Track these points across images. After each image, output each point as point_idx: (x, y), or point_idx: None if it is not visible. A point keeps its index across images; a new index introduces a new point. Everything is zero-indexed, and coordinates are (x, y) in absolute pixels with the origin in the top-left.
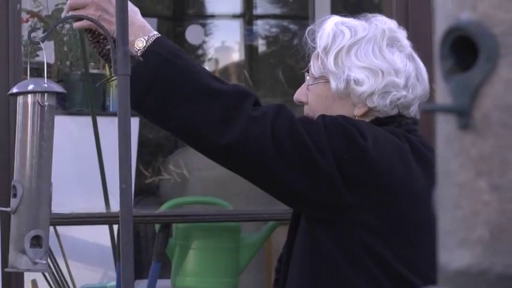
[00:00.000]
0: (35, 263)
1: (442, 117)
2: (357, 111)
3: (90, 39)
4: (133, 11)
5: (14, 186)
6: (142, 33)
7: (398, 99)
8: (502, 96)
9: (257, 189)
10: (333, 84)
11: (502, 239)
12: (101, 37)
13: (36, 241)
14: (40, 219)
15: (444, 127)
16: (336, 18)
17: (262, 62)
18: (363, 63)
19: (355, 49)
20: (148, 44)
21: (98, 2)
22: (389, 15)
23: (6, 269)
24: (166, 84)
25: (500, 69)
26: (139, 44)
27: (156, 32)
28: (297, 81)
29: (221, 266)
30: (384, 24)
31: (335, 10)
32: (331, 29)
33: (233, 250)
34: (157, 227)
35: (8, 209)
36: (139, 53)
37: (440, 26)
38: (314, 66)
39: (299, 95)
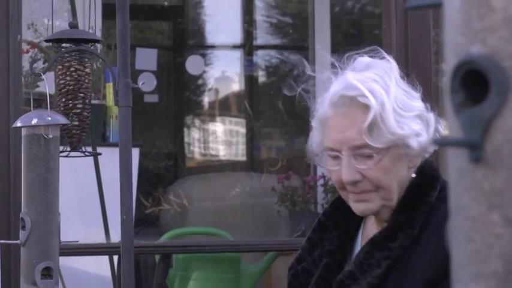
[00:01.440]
0: None
1: (454, 151)
2: (412, 168)
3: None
4: None
5: (22, 218)
6: None
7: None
8: None
9: (257, 220)
10: (414, 144)
11: None
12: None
13: (47, 272)
14: (50, 251)
15: (456, 161)
16: (352, 78)
17: (262, 93)
18: (408, 112)
19: (395, 100)
20: None
21: None
22: (389, 47)
23: None
24: None
25: (511, 102)
26: None
27: None
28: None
29: None
30: (383, 58)
31: (335, 41)
32: (371, 95)
33: (233, 280)
34: (157, 257)
35: (18, 242)
36: None
37: (450, 60)
38: (371, 140)
39: (352, 175)
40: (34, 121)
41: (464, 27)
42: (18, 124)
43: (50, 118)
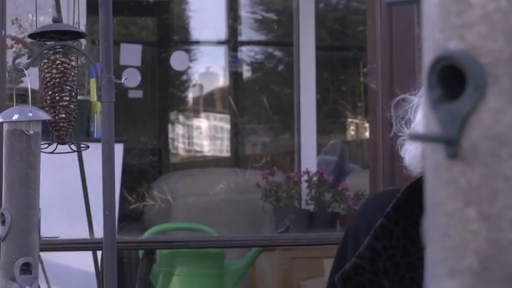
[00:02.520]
0: None
1: (431, 147)
2: None
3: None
4: None
5: (2, 214)
6: None
7: None
8: (490, 126)
9: (241, 216)
10: None
11: (491, 268)
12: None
13: (26, 267)
14: (29, 246)
15: (433, 156)
16: None
17: (247, 88)
18: None
19: None
20: None
21: None
22: (373, 43)
23: None
24: None
25: (488, 98)
26: None
27: None
28: (281, 107)
29: None
30: None
31: (319, 37)
32: None
33: (217, 276)
34: (141, 253)
35: None
36: None
37: (428, 56)
38: None
39: None
40: (15, 117)
41: (442, 23)
42: (0, 120)
43: (31, 114)
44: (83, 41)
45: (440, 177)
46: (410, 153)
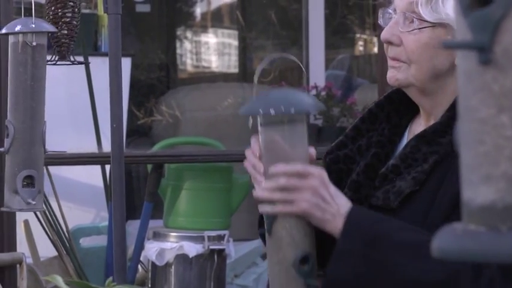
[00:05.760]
0: (28, 203)
1: (463, 54)
2: (454, 65)
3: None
4: (342, 198)
5: (6, 126)
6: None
7: None
8: None
9: (249, 130)
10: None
11: None
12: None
13: (29, 181)
14: (33, 159)
15: (465, 63)
16: None
17: (255, 3)
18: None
19: None
20: (342, 241)
21: (316, 186)
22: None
23: (1, 208)
24: (366, 284)
25: None
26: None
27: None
28: (289, 22)
29: (213, 206)
30: None
31: None
32: None
33: (225, 190)
34: (149, 167)
35: (2, 149)
36: (334, 253)
37: None
38: (423, 9)
39: (390, 35)
40: (18, 28)
41: None
42: (3, 31)
43: (33, 25)
44: None
45: (472, 83)
46: None
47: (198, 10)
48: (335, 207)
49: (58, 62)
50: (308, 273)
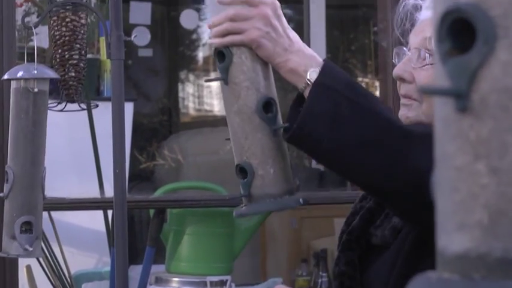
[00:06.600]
0: (25, 249)
1: (440, 100)
2: None
3: None
4: (296, 37)
5: (6, 171)
6: (315, 63)
7: None
8: (500, 79)
9: None
10: None
11: (501, 222)
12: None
13: (27, 227)
14: (31, 205)
15: (442, 109)
16: None
17: None
18: None
19: None
20: (322, 77)
21: (267, 15)
22: (383, 2)
23: None
24: (347, 125)
25: (498, 51)
26: (313, 76)
27: (322, 61)
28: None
29: (216, 251)
30: None
31: None
32: None
33: (228, 235)
34: (151, 212)
35: (1, 194)
36: (312, 86)
37: (438, 9)
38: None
39: (403, 71)
40: (20, 74)
41: None
42: (6, 77)
43: (36, 71)
44: None
45: (449, 130)
46: None
47: (200, 54)
48: (287, 41)
49: (65, 109)
50: (273, 119)
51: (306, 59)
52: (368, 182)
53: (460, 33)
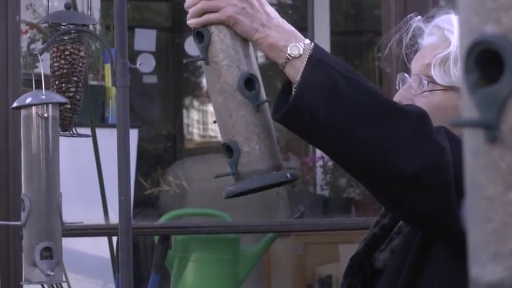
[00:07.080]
0: (47, 275)
1: (470, 131)
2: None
3: None
4: (275, 13)
5: (22, 199)
6: (295, 39)
7: None
8: None
9: (256, 201)
10: None
11: None
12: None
13: (48, 253)
14: (50, 230)
15: (472, 141)
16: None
17: (262, 75)
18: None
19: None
20: (309, 52)
21: None
22: (388, 28)
23: (21, 283)
24: (344, 98)
25: None
26: (294, 51)
27: (309, 40)
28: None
29: (220, 277)
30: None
31: (334, 21)
32: (455, 33)
33: (232, 262)
34: (156, 238)
35: (18, 223)
36: (307, 59)
37: (464, 40)
38: (435, 72)
39: (403, 98)
40: (28, 100)
41: (478, 6)
42: (15, 104)
43: (44, 97)
44: (98, 26)
45: (479, 161)
46: None
47: (205, 80)
48: (265, 16)
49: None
50: (256, 95)
51: (286, 34)
52: (361, 157)
53: (487, 63)
